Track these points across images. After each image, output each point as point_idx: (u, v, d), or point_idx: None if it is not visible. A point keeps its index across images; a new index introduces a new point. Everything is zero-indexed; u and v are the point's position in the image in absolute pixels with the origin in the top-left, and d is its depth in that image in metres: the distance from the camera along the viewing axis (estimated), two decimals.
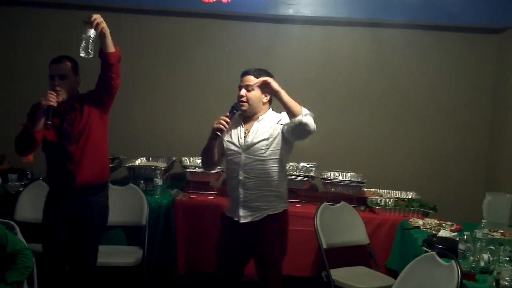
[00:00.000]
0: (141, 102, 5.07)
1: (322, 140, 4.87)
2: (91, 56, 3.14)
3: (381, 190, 4.74)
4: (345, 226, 4.13)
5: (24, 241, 3.10)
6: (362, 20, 4.94)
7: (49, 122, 3.15)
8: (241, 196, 3.25)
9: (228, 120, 3.17)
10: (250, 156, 3.24)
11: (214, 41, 5.08)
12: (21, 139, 3.30)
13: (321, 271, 3.92)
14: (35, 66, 4.84)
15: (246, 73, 3.29)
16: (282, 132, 3.23)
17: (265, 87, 3.13)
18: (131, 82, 4.71)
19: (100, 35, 3.15)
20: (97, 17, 3.10)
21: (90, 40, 3.10)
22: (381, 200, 4.45)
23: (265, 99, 3.30)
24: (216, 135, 3.17)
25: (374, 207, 4.38)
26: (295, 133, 3.16)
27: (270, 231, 3.27)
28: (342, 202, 4.24)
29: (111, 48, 3.22)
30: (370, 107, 5.06)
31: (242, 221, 3.26)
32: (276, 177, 3.27)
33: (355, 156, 5.00)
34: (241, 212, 3.27)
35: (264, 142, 3.23)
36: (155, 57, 5.10)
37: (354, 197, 4.50)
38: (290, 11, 4.91)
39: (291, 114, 3.08)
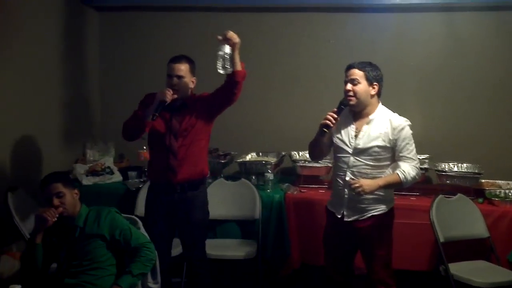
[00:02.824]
0: (250, 99, 5.12)
1: (435, 130, 4.76)
2: (228, 72, 3.27)
3: (500, 181, 4.50)
4: (462, 219, 3.97)
5: (146, 235, 3.25)
6: (485, 4, 4.73)
7: (156, 114, 3.29)
8: (346, 196, 3.26)
9: (336, 116, 3.15)
10: (360, 160, 3.22)
11: (319, 34, 5.07)
12: (130, 125, 3.47)
13: (438, 265, 3.80)
14: (149, 66, 5.10)
15: (350, 67, 3.26)
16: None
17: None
18: None
19: (232, 53, 3.26)
20: (233, 35, 3.21)
21: (227, 56, 3.23)
22: (500, 192, 4.24)
23: (373, 91, 3.24)
24: (323, 132, 3.15)
25: (493, 199, 4.19)
26: None
27: (374, 227, 3.26)
28: (459, 194, 4.09)
29: (238, 66, 3.31)
30: (485, 95, 4.83)
31: (346, 219, 3.27)
32: None
33: (471, 146, 4.79)
34: (345, 211, 3.28)
35: (377, 149, 3.20)
36: (261, 53, 5.15)
37: (471, 189, 4.31)
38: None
39: None
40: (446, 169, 4.53)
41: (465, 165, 4.59)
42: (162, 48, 5.06)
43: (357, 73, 3.21)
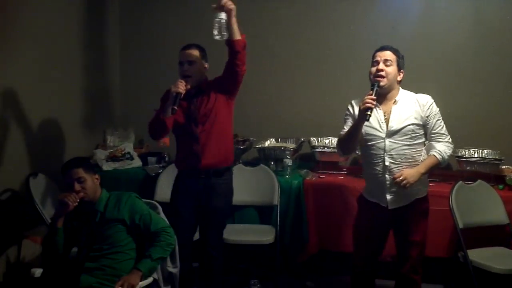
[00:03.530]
0: (269, 84, 5.15)
1: (456, 116, 4.69)
2: (225, 38, 3.24)
3: None
4: (482, 206, 3.95)
5: (166, 219, 3.28)
6: None
7: (175, 108, 3.29)
8: (387, 182, 3.21)
9: (375, 98, 3.08)
10: (396, 141, 3.19)
11: (340, 20, 5.04)
12: (153, 124, 3.49)
13: (457, 251, 3.79)
14: (169, 53, 5.10)
15: (383, 48, 3.24)
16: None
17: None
18: (260, 65, 4.81)
19: (228, 20, 3.24)
20: (227, 1, 3.19)
21: (223, 22, 3.20)
22: None
23: (399, 77, 3.24)
24: (366, 116, 3.04)
25: None
26: None
27: (416, 212, 3.26)
28: (479, 181, 4.05)
29: (237, 35, 3.29)
30: (507, 82, 4.77)
31: (391, 207, 3.24)
32: (421, 160, 3.23)
33: (492, 132, 4.73)
34: (389, 198, 3.24)
35: (411, 127, 3.18)
36: (281, 39, 5.14)
37: (492, 175, 4.28)
38: None
39: None
40: (467, 155, 4.49)
41: (485, 151, 4.54)
42: (183, 34, 5.06)
43: (391, 56, 3.20)
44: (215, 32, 3.21)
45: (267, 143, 4.89)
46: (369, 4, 4.98)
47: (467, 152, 4.54)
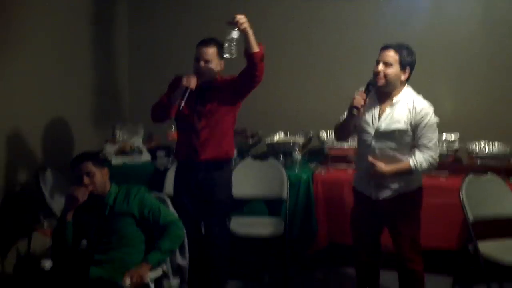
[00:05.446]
0: (278, 79, 5.13)
1: (465, 108, 4.69)
2: (234, 57, 3.22)
3: None
4: (493, 198, 3.90)
5: (175, 213, 3.29)
6: None
7: (182, 104, 3.31)
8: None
9: (365, 97, 3.09)
10: (382, 142, 3.17)
11: (348, 17, 5.03)
12: (156, 109, 3.53)
13: (467, 243, 3.76)
14: (177, 49, 5.12)
15: (386, 47, 3.16)
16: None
17: None
18: (269, 60, 4.77)
19: (244, 35, 3.22)
20: (241, 18, 3.15)
21: (233, 42, 3.18)
22: None
23: (403, 76, 3.16)
24: (352, 113, 3.09)
25: None
26: None
27: (402, 206, 3.24)
28: (490, 174, 4.00)
29: (255, 48, 3.27)
30: None
31: (374, 198, 3.25)
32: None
33: (502, 125, 4.69)
34: (373, 190, 3.25)
35: (398, 133, 3.14)
36: (290, 34, 5.14)
37: (502, 169, 4.24)
38: None
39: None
40: (477, 149, 4.46)
41: (496, 143, 4.50)
42: (190, 30, 5.07)
43: (392, 56, 3.12)
44: (225, 49, 3.20)
45: (276, 137, 4.87)
46: (377, 2, 4.95)
47: (477, 146, 4.50)
